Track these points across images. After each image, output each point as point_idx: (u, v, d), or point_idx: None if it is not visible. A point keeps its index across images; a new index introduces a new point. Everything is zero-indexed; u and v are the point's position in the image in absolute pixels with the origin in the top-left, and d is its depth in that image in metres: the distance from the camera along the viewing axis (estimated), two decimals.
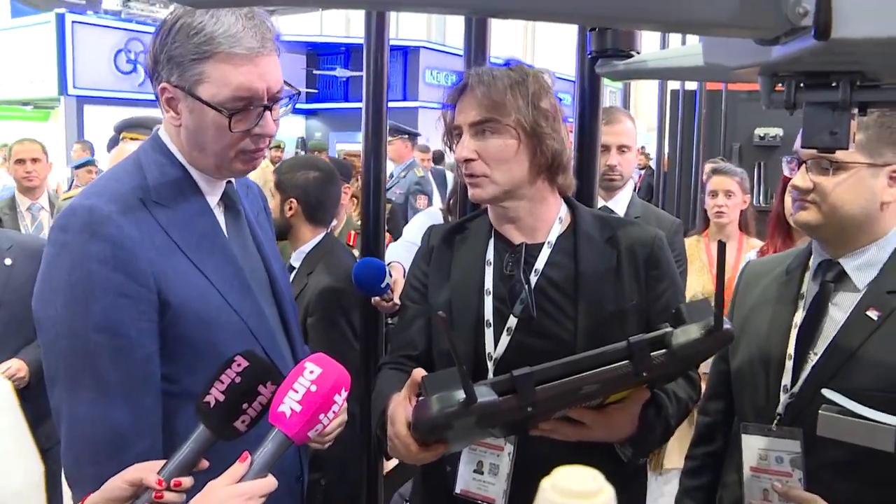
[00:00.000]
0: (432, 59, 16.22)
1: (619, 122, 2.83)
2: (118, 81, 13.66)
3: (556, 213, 1.66)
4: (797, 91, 0.91)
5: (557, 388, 1.25)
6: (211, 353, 1.40)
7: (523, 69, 1.62)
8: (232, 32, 1.37)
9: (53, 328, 1.37)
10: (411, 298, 1.74)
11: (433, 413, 1.22)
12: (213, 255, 1.47)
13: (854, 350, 1.50)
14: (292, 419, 1.17)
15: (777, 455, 1.56)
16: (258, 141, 1.46)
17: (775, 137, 5.98)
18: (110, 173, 1.52)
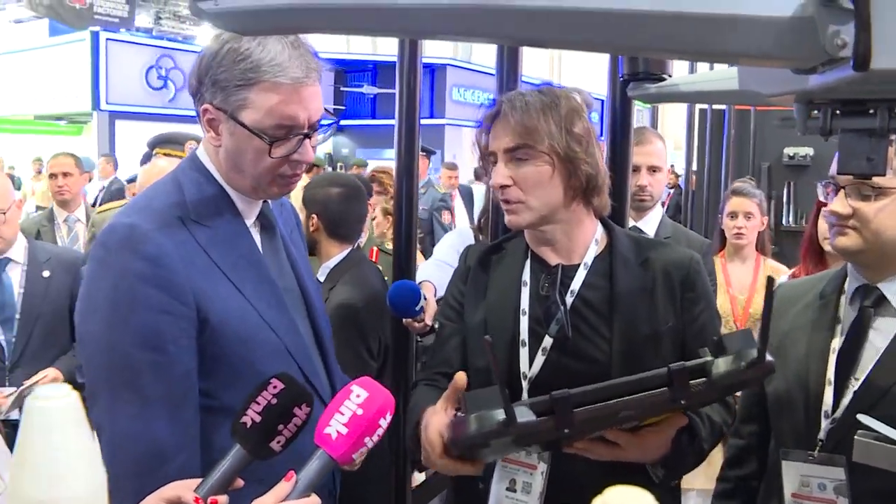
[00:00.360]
0: (459, 76, 16.31)
1: (650, 143, 2.84)
2: (149, 97, 13.90)
3: (592, 234, 1.67)
4: (833, 118, 0.91)
5: (595, 411, 1.25)
6: (248, 370, 1.43)
7: (555, 93, 1.63)
8: (278, 61, 1.40)
9: (95, 344, 1.39)
10: (448, 317, 1.75)
11: (471, 432, 1.23)
12: (250, 273, 1.49)
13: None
14: (338, 441, 1.19)
15: (819, 482, 1.54)
16: (296, 167, 1.49)
17: (805, 157, 5.93)
18: (150, 191, 1.54)
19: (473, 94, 16.65)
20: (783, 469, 1.59)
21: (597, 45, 0.80)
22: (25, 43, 15.54)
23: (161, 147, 3.80)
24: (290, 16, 0.79)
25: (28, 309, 2.95)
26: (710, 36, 0.72)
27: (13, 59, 15.31)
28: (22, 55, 15.17)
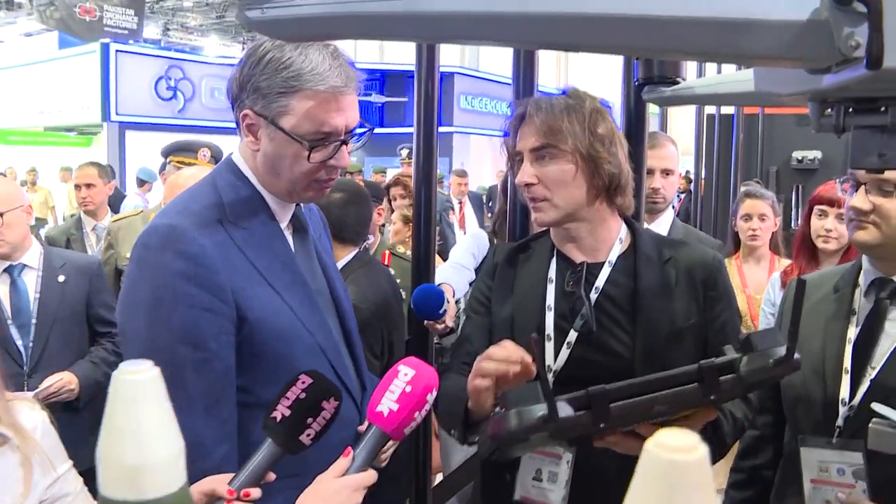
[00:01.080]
0: (467, 84, 16.39)
1: (663, 147, 2.89)
2: (158, 108, 14.00)
3: (616, 233, 1.72)
4: (846, 116, 0.96)
5: (630, 406, 1.29)
6: (284, 366, 1.47)
7: (580, 95, 1.68)
8: (319, 70, 1.45)
9: (138, 342, 1.43)
10: (475, 310, 1.80)
11: (512, 427, 1.26)
12: (285, 274, 1.53)
13: None
14: (390, 417, 1.26)
15: (839, 467, 1.59)
16: (331, 172, 1.54)
17: (814, 160, 5.96)
18: (187, 194, 1.59)
19: (481, 101, 16.72)
20: (802, 456, 1.63)
21: (622, 49, 0.84)
22: (35, 56, 15.67)
23: (175, 155, 3.87)
24: (333, 23, 0.84)
25: (44, 314, 2.97)
26: (731, 39, 0.77)
27: (23, 71, 15.45)
28: (32, 68, 15.30)
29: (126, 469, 0.52)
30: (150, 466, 0.52)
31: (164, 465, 0.53)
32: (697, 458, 0.39)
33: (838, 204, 3.06)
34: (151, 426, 0.53)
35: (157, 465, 0.53)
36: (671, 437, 0.39)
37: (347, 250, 2.80)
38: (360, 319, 2.54)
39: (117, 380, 0.53)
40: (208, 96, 14.57)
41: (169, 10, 23.90)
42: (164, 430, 0.53)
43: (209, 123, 13.58)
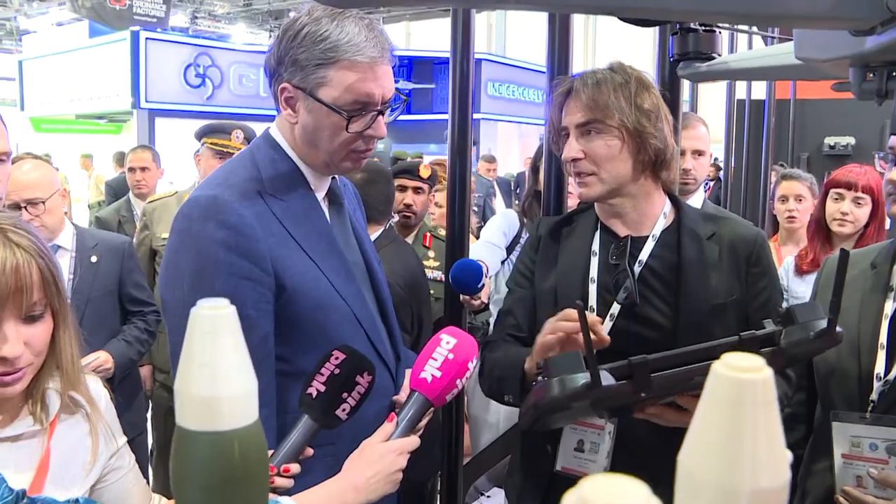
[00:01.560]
0: (494, 71, 16.34)
1: (694, 128, 2.89)
2: (187, 95, 14.09)
3: (660, 208, 1.73)
4: (889, 80, 0.97)
5: (671, 376, 1.32)
6: (321, 335, 1.51)
7: (626, 70, 1.70)
8: (356, 41, 1.48)
9: (180, 310, 1.47)
10: (519, 283, 1.83)
11: (555, 394, 1.29)
12: (321, 244, 1.56)
13: None
14: (433, 384, 1.29)
15: (871, 442, 1.59)
16: (369, 142, 1.57)
17: (847, 146, 5.90)
18: (227, 167, 1.63)
19: (508, 88, 16.66)
20: (834, 430, 1.63)
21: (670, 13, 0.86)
22: (66, 45, 15.83)
23: (208, 137, 3.91)
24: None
25: (78, 294, 3.00)
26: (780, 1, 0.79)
27: (55, 60, 15.61)
28: (63, 57, 15.45)
29: (202, 400, 0.54)
30: (225, 399, 0.54)
31: (239, 397, 0.54)
32: (763, 377, 0.41)
33: (855, 187, 3.05)
34: (227, 360, 0.54)
35: (233, 397, 0.54)
36: (738, 359, 0.41)
37: (373, 229, 2.84)
38: (393, 295, 2.59)
39: (196, 315, 0.55)
40: (236, 83, 14.64)
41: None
42: (239, 364, 0.54)
43: (237, 110, 13.67)
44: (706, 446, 0.41)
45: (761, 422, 0.40)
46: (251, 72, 14.47)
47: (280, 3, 24.30)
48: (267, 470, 0.58)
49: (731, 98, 5.74)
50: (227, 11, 25.55)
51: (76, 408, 1.37)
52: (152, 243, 3.74)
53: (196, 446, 0.54)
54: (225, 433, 0.54)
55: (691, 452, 0.42)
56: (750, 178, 6.13)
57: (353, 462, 1.31)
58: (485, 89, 15.81)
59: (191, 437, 0.54)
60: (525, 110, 16.87)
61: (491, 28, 22.38)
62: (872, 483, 1.56)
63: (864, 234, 3.10)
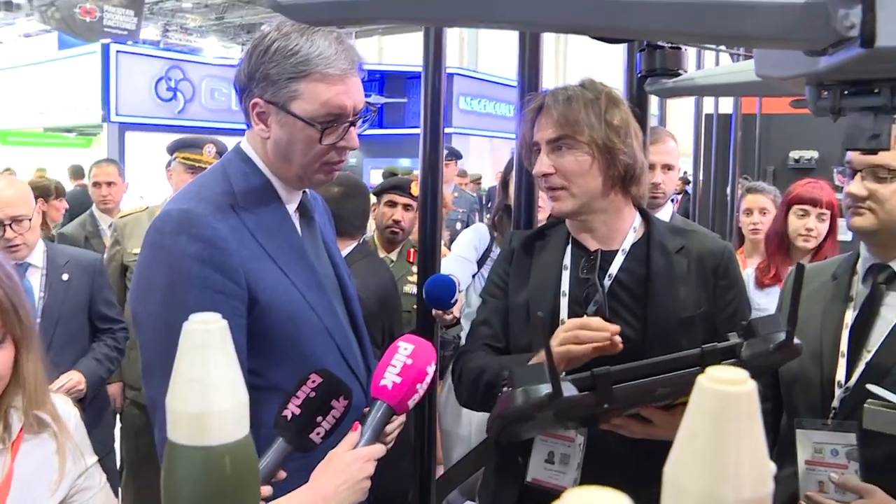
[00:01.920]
0: (466, 85, 16.41)
1: (664, 143, 2.95)
2: (158, 108, 14.00)
3: (630, 222, 1.77)
4: (841, 98, 1.01)
5: (633, 388, 1.34)
6: (293, 348, 1.52)
7: (596, 87, 1.73)
8: (326, 55, 1.51)
9: (153, 324, 1.47)
10: (493, 294, 1.85)
11: (519, 404, 1.31)
12: (293, 257, 1.58)
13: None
14: (394, 390, 1.31)
15: (832, 448, 1.63)
16: (341, 153, 1.60)
17: (811, 160, 6.04)
18: (198, 181, 1.64)
19: (480, 102, 16.74)
20: (798, 437, 1.67)
21: (629, 32, 0.90)
22: (35, 56, 15.68)
23: (180, 151, 3.90)
24: (361, 7, 0.89)
25: (49, 313, 2.98)
26: (736, 21, 0.82)
27: (23, 72, 15.45)
28: (32, 68, 15.31)
29: (193, 415, 0.54)
30: (215, 413, 0.54)
31: (229, 412, 0.54)
32: (747, 390, 0.42)
33: (819, 204, 3.15)
34: (218, 374, 0.54)
35: (223, 412, 0.54)
36: (722, 372, 0.43)
37: (347, 243, 2.86)
38: (363, 309, 2.61)
39: (187, 330, 0.55)
40: (208, 97, 14.58)
41: (168, 11, 23.94)
42: (230, 378, 0.55)
43: (209, 124, 13.60)
44: (692, 457, 0.42)
45: (745, 434, 0.42)
46: (223, 86, 14.42)
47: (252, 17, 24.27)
48: (258, 484, 0.59)
49: (698, 112, 5.83)
50: (198, 25, 25.47)
51: (42, 427, 1.37)
52: (123, 259, 3.72)
53: (188, 461, 0.54)
54: (216, 448, 0.54)
55: (677, 463, 0.43)
56: (717, 191, 6.23)
57: (321, 472, 1.32)
58: (456, 103, 15.88)
59: (182, 451, 0.54)
60: (497, 124, 16.96)
61: (463, 42, 22.50)
62: (833, 488, 1.61)
63: (822, 247, 3.19)
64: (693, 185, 6.29)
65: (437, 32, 2.41)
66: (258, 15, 23.70)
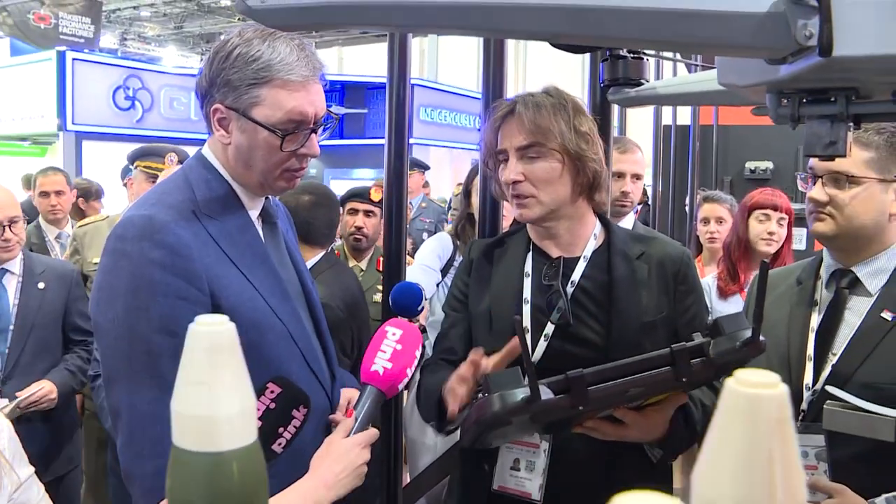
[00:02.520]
0: (426, 96, 16.45)
1: (633, 153, 3.01)
2: (116, 117, 13.80)
3: (591, 229, 1.78)
4: (800, 106, 1.04)
5: (607, 389, 1.36)
6: (256, 354, 1.50)
7: (562, 94, 1.75)
8: (288, 61, 1.50)
9: (114, 331, 1.44)
10: (453, 307, 1.85)
11: (496, 409, 1.32)
12: (256, 263, 1.57)
13: (872, 349, 1.63)
14: (385, 376, 1.31)
15: (802, 450, 1.66)
16: (302, 160, 1.59)
17: (766, 171, 6.16)
18: (160, 188, 1.63)
19: (440, 113, 16.79)
20: None
21: (596, 39, 0.91)
22: None
23: (142, 160, 3.87)
24: (331, 12, 0.90)
25: (22, 320, 2.96)
26: (701, 29, 0.85)
27: None
28: None
29: (200, 420, 0.53)
30: (224, 418, 0.52)
31: (238, 417, 0.53)
32: (779, 392, 0.40)
33: (779, 209, 3.24)
34: (226, 378, 0.53)
35: (232, 417, 0.53)
36: (752, 375, 0.41)
37: (315, 252, 2.86)
38: (332, 318, 2.60)
39: (194, 332, 0.54)
40: (167, 107, 14.40)
41: (126, 19, 23.67)
42: (238, 382, 0.53)
43: (168, 134, 13.44)
44: (721, 467, 0.40)
45: (778, 440, 0.39)
46: (182, 95, 14.26)
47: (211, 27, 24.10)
48: (266, 492, 0.57)
49: (657, 124, 5.93)
50: (157, 34, 25.22)
51: None
52: (83, 268, 3.68)
53: (194, 467, 0.53)
54: (224, 454, 0.53)
55: (706, 473, 0.41)
56: (676, 201, 6.32)
57: (321, 459, 1.33)
58: (417, 114, 15.91)
59: (189, 457, 0.53)
60: (457, 135, 17.01)
61: (423, 54, 22.57)
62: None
63: (780, 253, 3.27)
64: (653, 196, 6.38)
65: (402, 42, 2.43)
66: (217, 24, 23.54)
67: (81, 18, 15.22)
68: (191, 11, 23.08)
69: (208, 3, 22.26)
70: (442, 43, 22.11)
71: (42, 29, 14.68)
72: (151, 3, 22.22)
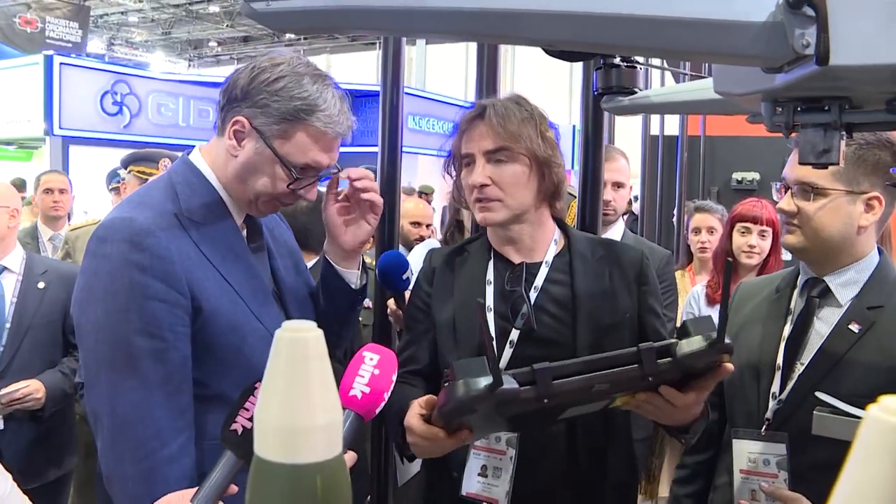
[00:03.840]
0: (415, 105, 16.49)
1: (615, 161, 3.02)
2: (104, 122, 13.74)
3: (551, 235, 1.80)
4: (795, 114, 1.06)
5: (572, 383, 1.36)
6: (237, 357, 1.52)
7: (528, 101, 1.77)
8: (331, 112, 1.53)
9: (95, 333, 1.45)
10: (415, 318, 1.85)
11: (460, 394, 1.33)
12: (238, 267, 1.58)
13: (838, 359, 1.64)
14: (363, 400, 1.31)
15: (765, 458, 1.69)
16: (294, 198, 1.61)
17: (752, 181, 6.22)
18: (143, 190, 1.63)
19: (428, 122, 16.83)
20: (734, 447, 1.73)
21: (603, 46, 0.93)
22: None
23: (135, 165, 3.86)
24: (336, 16, 0.91)
25: (19, 320, 2.93)
26: (702, 38, 0.87)
27: None
28: None
29: (285, 430, 0.50)
30: (309, 429, 0.51)
31: (323, 429, 0.51)
32: None
33: (760, 221, 3.27)
34: (314, 387, 0.51)
35: (317, 428, 0.51)
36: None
37: (311, 257, 2.85)
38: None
39: (280, 338, 0.51)
40: (155, 112, 14.35)
41: (114, 24, 23.63)
42: (325, 392, 0.51)
43: (156, 139, 13.40)
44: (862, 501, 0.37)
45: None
46: (170, 101, 14.22)
47: (199, 33, 24.08)
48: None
49: (645, 134, 5.97)
50: (145, 39, 25.18)
51: None
52: None
53: (276, 480, 0.51)
54: (307, 466, 0.51)
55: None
56: (664, 212, 6.37)
57: None
58: (406, 123, 15.92)
59: (270, 469, 0.51)
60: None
61: (411, 62, 22.64)
62: (764, 497, 1.66)
63: (766, 264, 3.31)
64: (641, 205, 6.42)
65: (396, 50, 2.44)
66: (206, 31, 23.52)
67: (69, 23, 15.18)
68: (179, 17, 23.05)
69: (196, 9, 22.25)
70: (430, 51, 22.20)
71: (28, 33, 14.63)
72: (139, 9, 22.20)
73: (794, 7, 0.84)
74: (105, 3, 21.55)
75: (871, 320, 1.64)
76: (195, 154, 1.64)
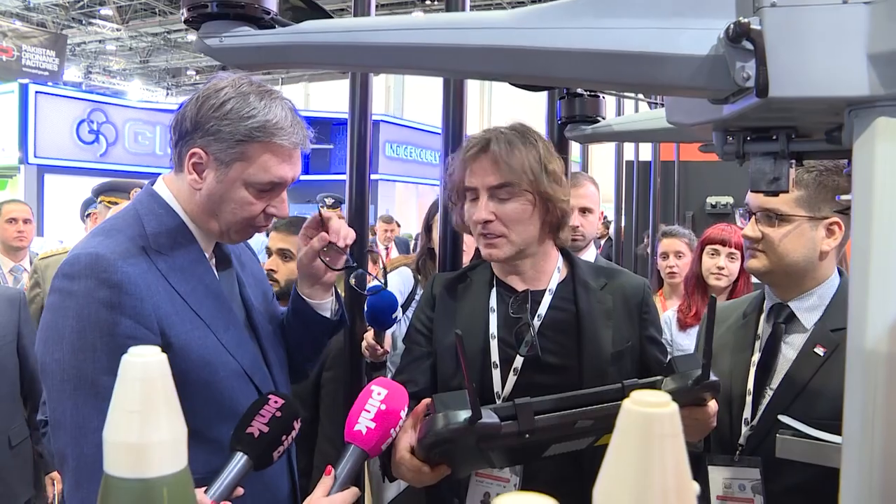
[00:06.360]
0: (391, 132, 16.56)
1: (582, 186, 3.02)
2: (80, 151, 13.69)
3: (555, 263, 1.79)
4: (745, 143, 1.08)
5: (554, 419, 1.36)
6: (208, 392, 1.49)
7: (532, 133, 1.74)
8: (283, 125, 1.51)
9: (61, 373, 1.39)
10: (415, 341, 1.83)
11: (439, 427, 1.32)
12: (209, 300, 1.55)
13: (805, 383, 1.66)
14: (368, 435, 1.31)
15: (740, 483, 1.69)
16: (268, 219, 1.59)
17: (726, 205, 6.28)
18: (109, 223, 1.58)
19: (406, 149, 16.91)
20: (710, 474, 1.73)
21: (555, 80, 0.95)
22: None
23: (106, 195, 3.84)
24: (287, 52, 0.93)
25: None
26: (648, 71, 0.89)
27: None
28: None
29: (131, 447, 0.54)
30: (155, 445, 0.54)
31: (168, 444, 0.55)
32: (670, 411, 0.45)
33: (728, 244, 3.31)
34: (157, 406, 0.54)
35: (161, 444, 0.54)
36: (646, 395, 0.46)
37: None
38: None
39: (126, 362, 0.55)
40: (131, 141, 14.32)
41: (91, 52, 23.59)
42: (168, 410, 0.55)
43: (132, 168, 13.37)
44: (618, 478, 0.45)
45: (669, 453, 0.44)
46: (147, 129, 14.21)
47: (177, 61, 24.08)
48: None
49: (619, 159, 6.03)
50: (122, 67, 25.13)
51: None
52: (45, 301, 3.62)
53: (124, 494, 0.54)
54: (154, 480, 0.54)
55: (605, 485, 0.46)
56: (639, 236, 6.41)
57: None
58: (382, 150, 15.98)
59: (119, 484, 0.54)
60: (422, 171, 17.12)
61: (389, 90, 22.75)
62: None
63: (736, 286, 3.34)
64: (615, 231, 6.46)
65: (364, 80, 2.46)
66: (183, 59, 23.53)
67: (45, 51, 15.15)
68: (157, 46, 23.07)
69: (174, 37, 22.28)
70: (408, 80, 22.31)
71: (4, 61, 14.59)
72: (117, 37, 22.19)
73: (734, 41, 0.86)
74: (83, 32, 21.55)
75: (836, 342, 1.66)
76: (159, 184, 1.61)
